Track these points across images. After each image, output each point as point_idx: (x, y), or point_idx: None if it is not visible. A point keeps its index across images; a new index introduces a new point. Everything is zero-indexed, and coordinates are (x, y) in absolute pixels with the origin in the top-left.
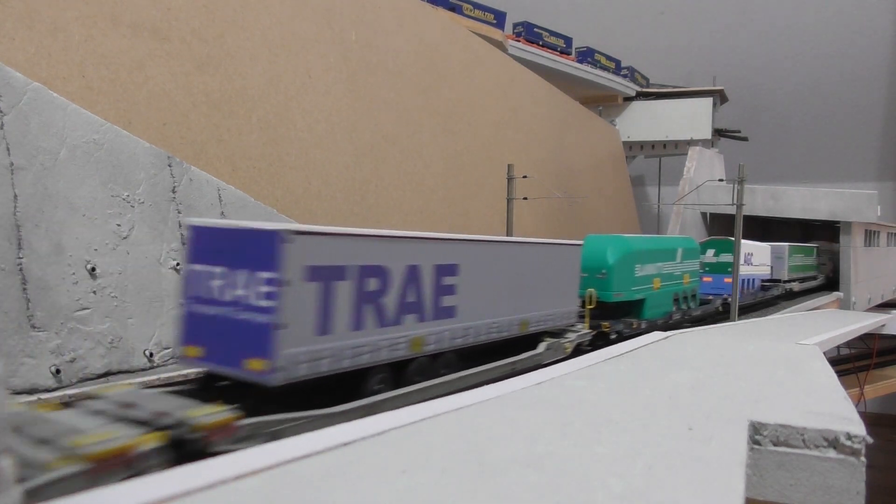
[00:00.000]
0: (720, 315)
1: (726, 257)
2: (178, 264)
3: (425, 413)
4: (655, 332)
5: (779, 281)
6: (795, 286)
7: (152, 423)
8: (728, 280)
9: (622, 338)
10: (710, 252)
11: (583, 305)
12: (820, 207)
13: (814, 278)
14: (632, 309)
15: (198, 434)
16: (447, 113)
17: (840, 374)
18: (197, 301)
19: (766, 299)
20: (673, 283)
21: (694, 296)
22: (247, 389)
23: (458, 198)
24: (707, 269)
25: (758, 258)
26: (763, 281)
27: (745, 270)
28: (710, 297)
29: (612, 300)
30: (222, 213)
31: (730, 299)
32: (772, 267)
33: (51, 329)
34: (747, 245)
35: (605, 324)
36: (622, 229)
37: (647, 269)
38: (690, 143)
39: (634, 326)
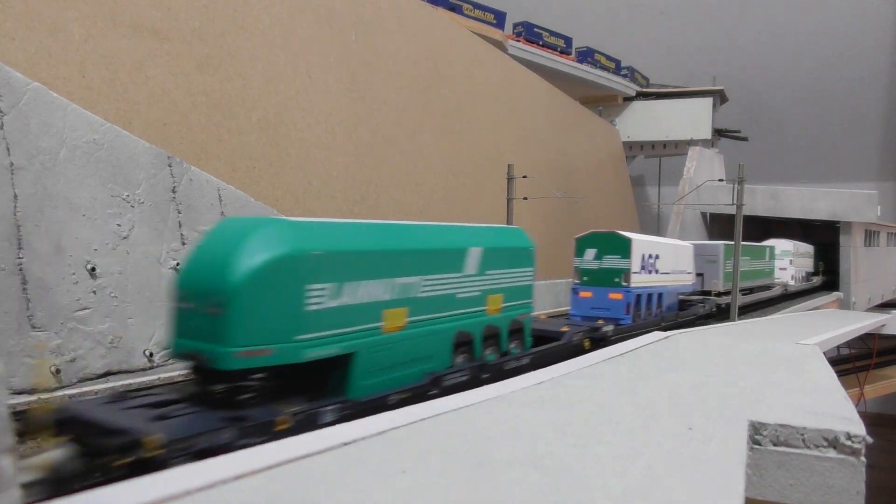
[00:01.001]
0: (581, 351)
1: (614, 261)
2: (177, 264)
3: (425, 413)
4: (655, 332)
5: (709, 293)
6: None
7: None
8: (616, 296)
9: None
10: (590, 253)
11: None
12: (820, 207)
13: (767, 287)
14: (327, 374)
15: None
16: (447, 113)
17: (840, 374)
18: None
19: (681, 322)
20: (452, 315)
21: (518, 330)
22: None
23: (458, 198)
24: (586, 278)
25: (671, 261)
26: (686, 295)
27: (644, 281)
28: (566, 328)
29: (234, 367)
30: (222, 213)
31: (606, 327)
32: (702, 274)
33: (51, 329)
34: (650, 243)
35: (151, 440)
36: (622, 229)
37: (358, 290)
38: (690, 143)
39: (281, 426)
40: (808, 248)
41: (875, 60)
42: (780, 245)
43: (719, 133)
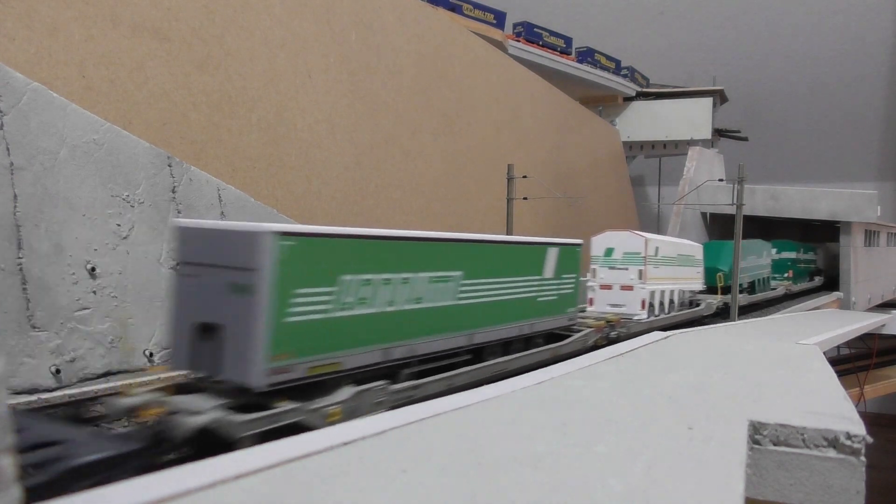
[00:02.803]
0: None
1: None
2: (177, 264)
3: (425, 413)
4: (655, 332)
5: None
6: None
7: None
8: None
9: None
10: None
11: None
12: (820, 207)
13: (557, 337)
14: None
15: None
16: (447, 113)
17: (840, 374)
18: None
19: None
20: None
21: None
22: None
23: (458, 198)
24: None
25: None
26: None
27: None
28: None
29: None
30: (222, 213)
31: None
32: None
33: (51, 329)
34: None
35: None
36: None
37: None
38: (690, 143)
39: None
40: (690, 249)
41: (875, 60)
42: (623, 244)
43: (719, 133)
